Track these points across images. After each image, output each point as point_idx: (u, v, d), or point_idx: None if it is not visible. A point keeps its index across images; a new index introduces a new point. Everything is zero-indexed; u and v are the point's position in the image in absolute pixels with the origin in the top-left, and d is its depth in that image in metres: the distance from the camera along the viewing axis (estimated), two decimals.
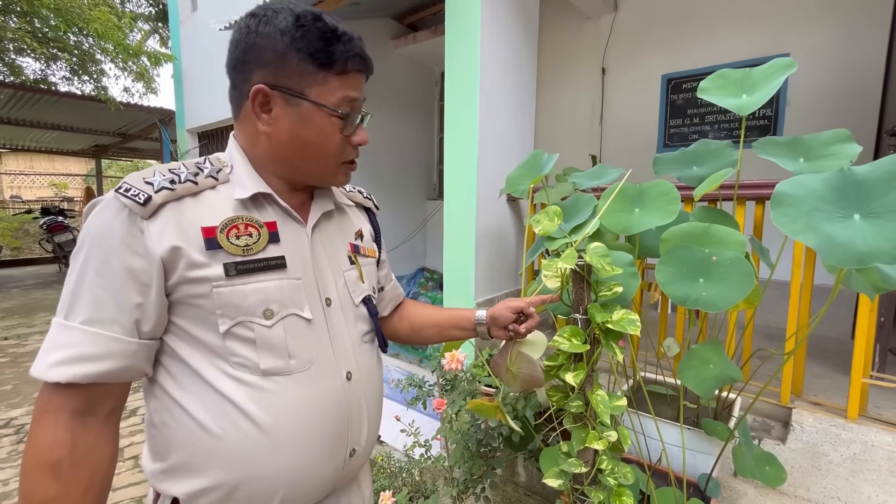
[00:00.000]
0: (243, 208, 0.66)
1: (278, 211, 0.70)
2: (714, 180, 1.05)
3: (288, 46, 0.62)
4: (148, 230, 0.58)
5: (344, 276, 0.77)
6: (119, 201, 0.58)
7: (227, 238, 0.63)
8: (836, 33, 2.58)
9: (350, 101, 0.67)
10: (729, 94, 1.06)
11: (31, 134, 8.19)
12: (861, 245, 0.70)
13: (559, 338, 0.87)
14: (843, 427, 1.38)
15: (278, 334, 0.65)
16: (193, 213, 0.62)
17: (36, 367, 0.56)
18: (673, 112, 3.18)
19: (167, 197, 0.60)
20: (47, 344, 0.57)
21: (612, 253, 0.95)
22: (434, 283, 4.13)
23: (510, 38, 2.24)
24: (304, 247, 0.71)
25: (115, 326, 0.58)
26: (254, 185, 0.67)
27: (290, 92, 0.63)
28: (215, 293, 0.61)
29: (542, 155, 1.59)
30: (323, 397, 0.68)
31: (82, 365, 0.56)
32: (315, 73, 0.63)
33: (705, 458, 1.23)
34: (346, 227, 0.83)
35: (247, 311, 0.63)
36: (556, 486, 0.91)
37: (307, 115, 0.64)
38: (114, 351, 0.57)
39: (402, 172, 4.16)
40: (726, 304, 0.87)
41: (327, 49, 0.63)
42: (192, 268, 0.60)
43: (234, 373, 0.63)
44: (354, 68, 0.66)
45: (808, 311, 1.49)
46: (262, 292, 0.64)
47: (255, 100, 0.63)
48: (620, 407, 0.89)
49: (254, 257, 0.64)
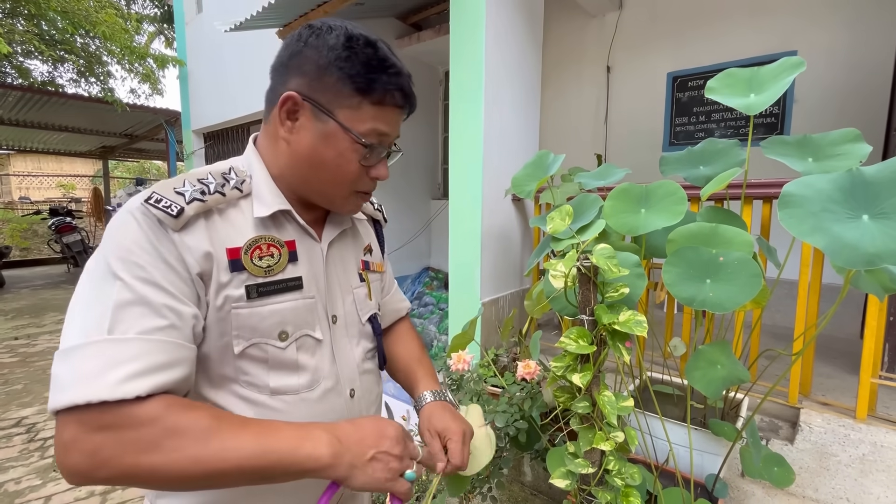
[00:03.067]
0: (263, 227, 0.64)
1: (297, 228, 0.69)
2: (721, 180, 1.05)
3: (331, 63, 0.61)
4: (182, 243, 0.56)
5: (353, 293, 0.76)
6: (150, 212, 0.55)
7: (251, 259, 0.61)
8: (845, 31, 2.55)
9: (379, 135, 0.65)
10: (737, 93, 1.06)
11: (38, 135, 8.28)
12: (870, 246, 0.70)
13: (565, 339, 0.87)
14: (851, 427, 1.37)
15: (290, 355, 0.65)
16: (220, 231, 0.60)
17: (93, 390, 0.47)
18: (679, 110, 3.17)
19: (198, 209, 0.58)
20: (97, 365, 0.48)
21: (619, 254, 0.95)
22: (439, 282, 4.13)
23: (515, 37, 2.23)
24: (318, 265, 0.70)
25: (176, 333, 0.54)
26: (274, 201, 0.66)
27: (321, 107, 0.62)
28: (234, 314, 0.60)
29: (548, 155, 1.58)
30: (327, 414, 0.68)
31: (158, 374, 0.51)
32: (350, 96, 0.62)
33: (713, 458, 1.22)
34: (358, 242, 0.82)
35: (263, 333, 0.62)
36: (564, 486, 0.91)
37: (331, 134, 0.63)
38: (181, 357, 0.54)
39: (406, 172, 4.16)
40: (734, 305, 0.87)
41: (369, 76, 0.61)
42: (218, 288, 0.59)
43: (243, 392, 0.62)
44: (392, 102, 0.65)
45: (816, 311, 1.48)
46: (280, 314, 0.63)
47: (285, 105, 0.62)
48: (627, 408, 0.88)
49: (274, 279, 0.63)
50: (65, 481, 2.20)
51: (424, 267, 4.45)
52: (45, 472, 2.28)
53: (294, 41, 0.64)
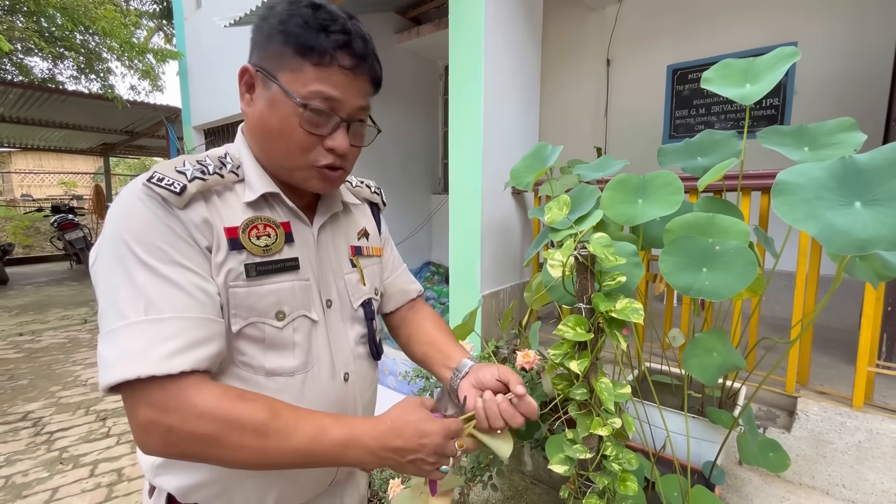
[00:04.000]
0: (257, 210, 0.65)
1: (288, 211, 0.69)
2: (718, 171, 1.06)
3: (273, 28, 0.60)
4: (189, 219, 0.57)
5: (344, 278, 0.77)
6: (153, 191, 0.56)
7: (249, 238, 0.62)
8: (845, 21, 2.55)
9: (325, 99, 0.61)
10: (733, 83, 1.06)
11: (39, 133, 8.28)
12: (862, 232, 0.71)
13: (563, 326, 0.88)
14: (848, 415, 1.38)
15: (287, 335, 0.65)
16: (219, 210, 0.61)
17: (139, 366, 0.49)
18: (679, 103, 3.16)
19: (200, 187, 0.59)
20: (139, 345, 0.51)
21: (616, 243, 0.96)
22: (440, 276, 4.15)
23: (514, 31, 2.23)
24: (310, 249, 0.71)
25: (208, 309, 0.56)
26: (261, 184, 0.66)
27: (266, 73, 0.61)
28: (232, 293, 0.60)
29: (546, 147, 1.59)
30: (322, 397, 0.69)
31: (198, 350, 0.53)
32: (291, 58, 0.60)
33: (710, 446, 1.24)
34: (350, 227, 0.81)
35: (260, 312, 0.63)
36: (562, 472, 0.93)
37: (275, 99, 0.61)
38: (216, 332, 0.56)
39: (407, 167, 4.17)
40: (729, 293, 0.88)
41: (308, 35, 0.59)
42: (219, 266, 0.59)
43: (238, 371, 0.63)
44: (339, 64, 0.61)
45: (814, 301, 1.49)
46: (277, 294, 0.64)
47: (243, 78, 0.63)
48: (624, 395, 0.90)
49: (272, 258, 0.64)
50: (70, 474, 2.23)
51: (425, 261, 4.47)
52: (52, 465, 2.31)
53: (258, 20, 0.64)
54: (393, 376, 2.82)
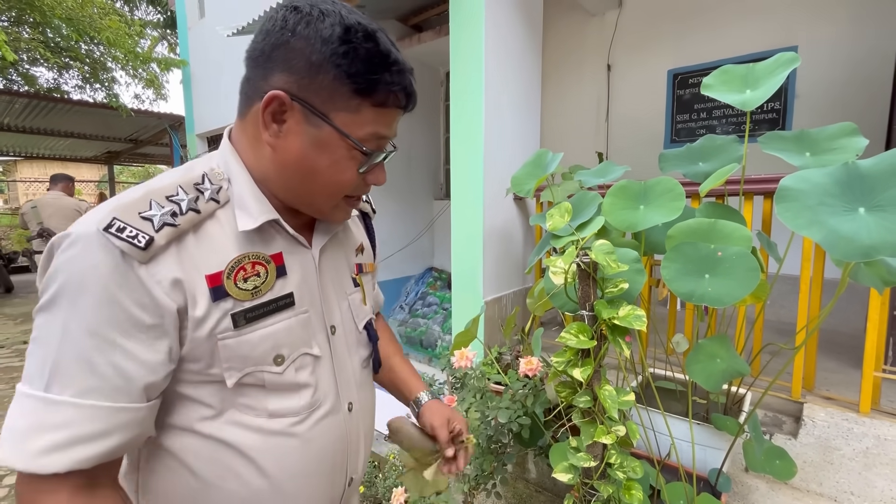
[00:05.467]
0: (248, 241, 0.57)
1: (285, 238, 0.62)
2: (719, 176, 1.06)
3: (326, 59, 0.52)
4: (152, 277, 0.49)
5: (348, 299, 0.71)
6: (111, 243, 0.47)
7: (234, 284, 0.55)
8: (846, 25, 2.55)
9: (379, 139, 0.58)
10: (733, 89, 1.07)
11: (45, 142, 8.35)
12: (866, 238, 0.71)
13: (566, 334, 0.88)
14: (855, 421, 1.37)
15: (289, 378, 0.60)
16: (196, 254, 0.53)
17: (15, 455, 0.45)
18: (680, 107, 3.17)
19: (171, 235, 0.51)
20: (26, 425, 0.46)
21: (618, 250, 0.96)
22: (442, 282, 4.15)
23: (514, 37, 2.24)
24: (310, 275, 0.64)
25: (121, 395, 0.48)
26: (261, 210, 0.58)
27: (314, 110, 0.54)
28: (221, 346, 0.54)
29: (547, 154, 1.60)
30: (327, 432, 0.64)
31: (83, 447, 0.46)
32: (349, 97, 0.54)
33: (715, 453, 1.23)
34: (349, 244, 0.76)
35: (256, 361, 0.57)
36: (566, 480, 0.92)
37: (325, 140, 0.55)
38: (120, 423, 0.48)
39: (408, 173, 4.18)
40: (732, 299, 0.87)
41: (370, 76, 0.54)
42: (199, 322, 0.52)
43: (239, 418, 0.57)
44: (395, 104, 0.57)
45: (818, 306, 1.48)
46: (272, 338, 0.58)
47: (269, 105, 0.54)
48: (628, 402, 0.90)
49: (262, 300, 0.57)
50: None
51: (428, 267, 4.47)
52: None
53: (279, 28, 0.54)
54: None
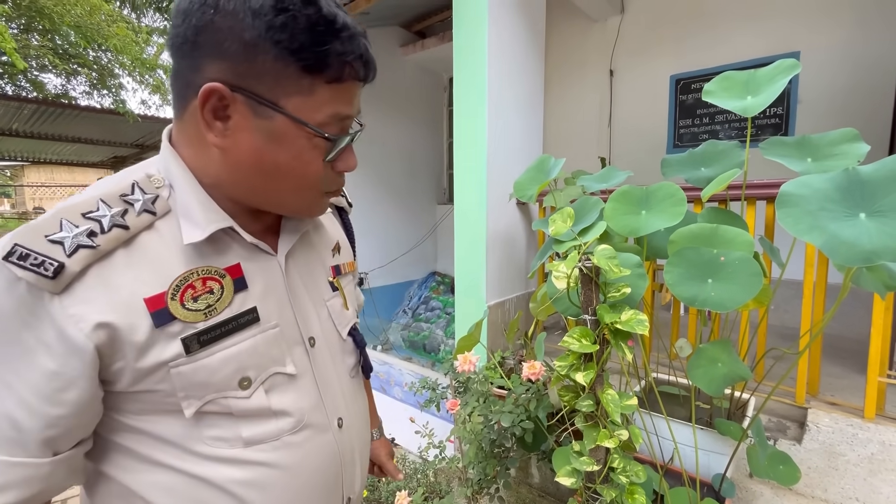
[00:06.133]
0: (197, 254, 0.50)
1: (243, 246, 0.54)
2: (721, 181, 1.06)
3: (261, 36, 0.44)
4: (63, 311, 0.42)
5: (327, 306, 0.64)
6: (13, 274, 0.40)
7: (181, 305, 0.47)
8: (848, 30, 2.56)
9: (341, 120, 0.51)
10: (734, 95, 1.07)
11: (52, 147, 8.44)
12: (867, 244, 0.71)
13: (569, 338, 0.89)
14: (859, 427, 1.36)
15: (258, 402, 0.52)
16: (129, 274, 0.45)
17: None
18: (682, 112, 3.18)
19: (88, 259, 0.43)
20: None
21: (620, 254, 0.97)
22: (445, 286, 4.16)
23: (517, 43, 2.26)
24: (277, 284, 0.57)
25: (15, 448, 0.42)
26: (209, 218, 0.50)
27: (260, 99, 0.46)
28: (174, 374, 0.47)
29: (549, 160, 1.61)
30: (316, 455, 0.58)
31: None
32: (298, 77, 0.46)
33: (719, 458, 1.23)
34: (323, 244, 0.68)
35: (218, 387, 0.50)
36: (569, 484, 0.92)
37: (280, 132, 0.48)
38: (16, 479, 0.43)
39: (411, 177, 4.20)
40: (735, 304, 0.88)
41: (318, 48, 0.45)
42: (139, 353, 0.45)
43: (210, 451, 0.50)
44: (352, 76, 0.49)
45: (822, 311, 1.48)
46: (235, 360, 0.51)
47: (207, 102, 0.46)
48: (631, 406, 0.90)
49: (219, 319, 0.50)
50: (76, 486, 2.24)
51: (431, 272, 4.48)
52: None
53: (198, 6, 0.45)
54: (399, 387, 2.82)
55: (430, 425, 1.91)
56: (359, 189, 3.62)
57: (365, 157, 3.65)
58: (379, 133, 3.75)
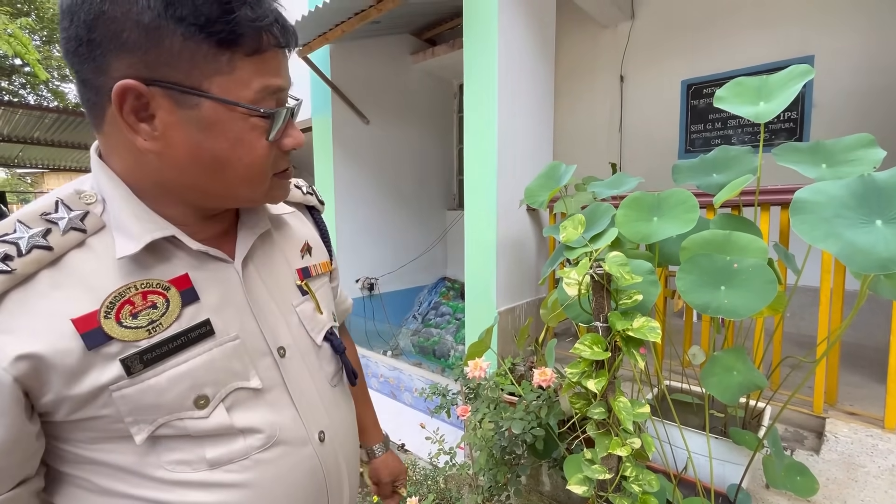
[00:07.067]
0: (137, 267, 0.46)
1: (191, 255, 0.50)
2: (734, 187, 1.05)
3: (161, 16, 0.40)
4: None
5: (296, 312, 0.60)
6: None
7: (117, 323, 0.43)
8: (863, 34, 2.52)
9: (273, 93, 0.47)
10: (746, 101, 1.07)
11: (72, 154, 8.66)
12: (884, 251, 0.70)
13: (580, 345, 0.89)
14: (880, 437, 1.33)
15: (219, 421, 0.49)
16: (55, 296, 0.42)
17: None
18: (694, 117, 3.15)
19: (4, 286, 0.40)
20: None
21: (631, 261, 0.97)
22: (455, 292, 4.16)
23: (527, 49, 2.28)
24: (235, 292, 0.53)
25: None
26: (145, 228, 0.46)
27: (180, 87, 0.42)
28: (117, 398, 0.43)
29: (560, 166, 1.61)
30: (293, 471, 0.54)
31: None
32: (214, 55, 0.42)
33: (734, 468, 1.21)
34: (289, 245, 0.64)
35: (170, 409, 0.46)
36: (581, 492, 0.92)
37: (212, 119, 0.44)
38: None
39: (422, 183, 4.22)
40: (748, 312, 0.87)
41: (227, 17, 0.42)
42: (72, 379, 0.41)
43: (172, 476, 0.47)
44: (271, 43, 0.45)
45: (839, 318, 1.45)
46: (188, 377, 0.47)
47: (124, 103, 0.41)
48: (643, 414, 0.89)
49: (165, 336, 0.46)
50: None
51: (441, 277, 4.49)
52: None
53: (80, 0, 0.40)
54: (409, 392, 2.82)
55: (440, 431, 1.90)
56: (369, 195, 3.65)
57: (375, 163, 3.68)
58: (389, 139, 3.79)
